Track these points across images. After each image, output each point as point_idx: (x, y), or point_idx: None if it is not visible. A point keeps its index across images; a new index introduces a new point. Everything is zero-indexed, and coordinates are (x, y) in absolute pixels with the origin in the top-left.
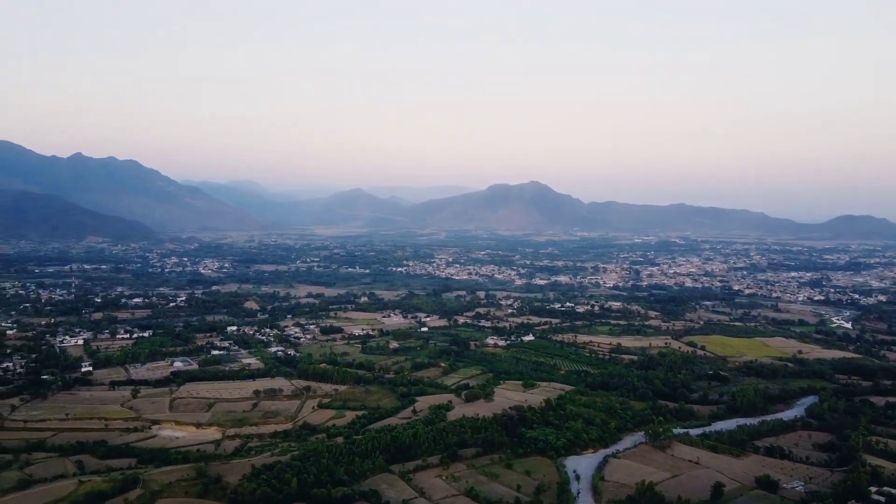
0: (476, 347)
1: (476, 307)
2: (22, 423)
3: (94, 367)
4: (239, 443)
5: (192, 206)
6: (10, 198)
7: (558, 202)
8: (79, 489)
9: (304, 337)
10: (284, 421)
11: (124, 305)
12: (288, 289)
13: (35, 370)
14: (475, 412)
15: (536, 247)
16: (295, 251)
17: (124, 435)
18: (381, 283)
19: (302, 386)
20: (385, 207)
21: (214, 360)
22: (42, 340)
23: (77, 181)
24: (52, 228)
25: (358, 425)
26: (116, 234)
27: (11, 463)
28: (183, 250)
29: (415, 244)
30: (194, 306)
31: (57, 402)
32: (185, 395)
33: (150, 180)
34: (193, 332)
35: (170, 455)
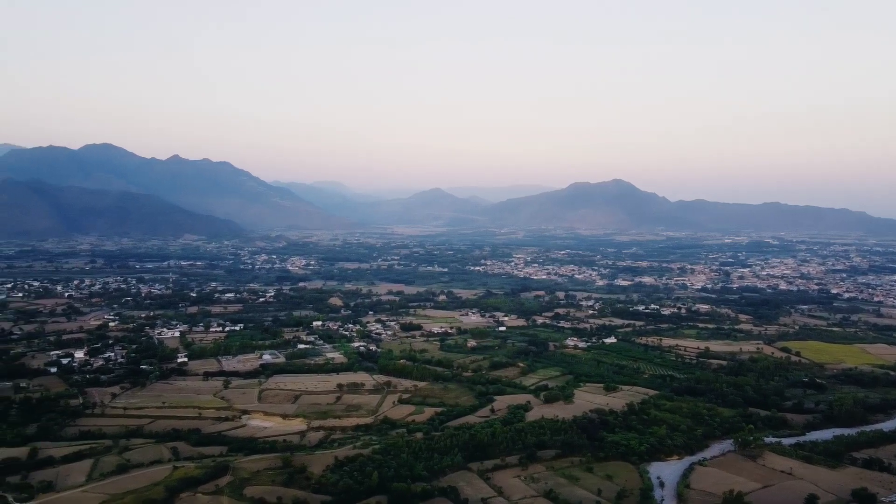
0: (555, 348)
1: (555, 307)
2: (122, 411)
3: (189, 359)
4: (322, 435)
5: (281, 206)
6: (113, 198)
7: (642, 201)
8: (173, 474)
9: (385, 333)
10: (366, 415)
11: (217, 300)
12: (369, 286)
13: (135, 360)
14: (554, 414)
15: (619, 247)
16: (376, 250)
17: (216, 424)
18: (459, 281)
19: (382, 381)
20: (464, 207)
21: (300, 353)
22: (141, 332)
23: (174, 182)
24: (151, 226)
25: (436, 422)
26: (210, 232)
27: (111, 448)
28: (272, 248)
29: (493, 243)
30: (282, 302)
31: (154, 390)
32: (272, 387)
33: (241, 181)
34: (281, 327)
35: (258, 444)
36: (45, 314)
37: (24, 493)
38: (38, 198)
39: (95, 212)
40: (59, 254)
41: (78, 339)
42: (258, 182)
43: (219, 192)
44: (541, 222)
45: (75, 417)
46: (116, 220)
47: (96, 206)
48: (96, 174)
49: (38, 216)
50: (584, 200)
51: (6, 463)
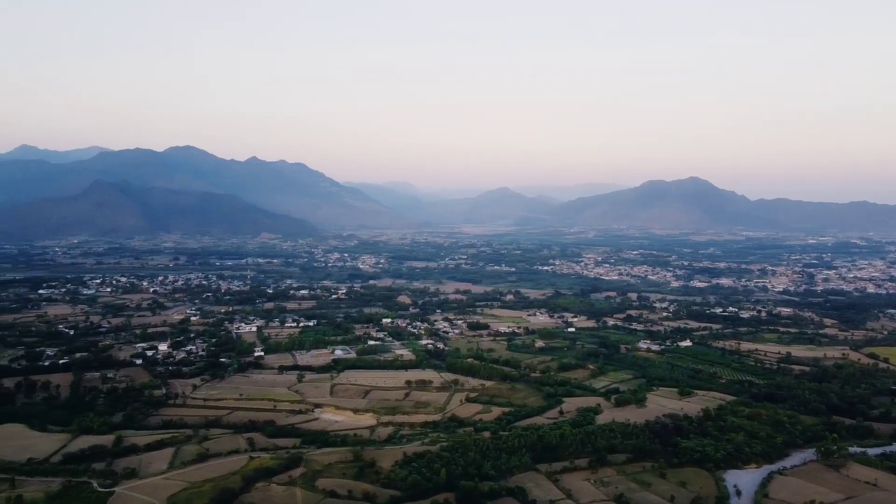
0: (627, 351)
1: (627, 309)
2: (202, 402)
3: (266, 353)
4: (392, 430)
5: (352, 206)
6: (195, 198)
7: (720, 199)
8: (249, 464)
9: (452, 332)
10: (433, 412)
11: (292, 297)
12: (437, 285)
13: (214, 353)
14: (625, 417)
15: (695, 247)
16: (444, 249)
17: (290, 416)
18: (527, 281)
19: (450, 379)
20: (532, 206)
21: (371, 349)
22: (221, 327)
23: (252, 182)
24: (231, 225)
25: (504, 422)
26: (286, 231)
27: (191, 437)
28: (344, 247)
29: (562, 243)
30: (353, 299)
31: (232, 383)
32: (344, 382)
33: (315, 182)
34: (352, 323)
35: (329, 438)
36: (131, 308)
37: (109, 479)
38: (125, 198)
39: (179, 211)
40: (145, 251)
41: (162, 332)
42: (331, 183)
43: (294, 192)
44: (612, 221)
45: (158, 407)
46: (198, 220)
47: (179, 206)
48: (179, 175)
49: (125, 215)
50: (659, 199)
51: (93, 450)
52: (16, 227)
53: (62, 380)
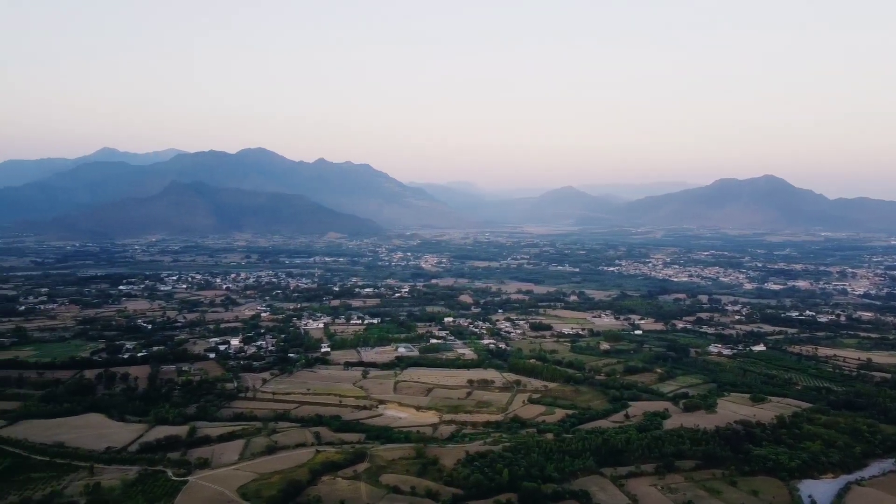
0: (696, 355)
1: (697, 311)
2: (271, 395)
3: (332, 349)
4: (454, 428)
5: (416, 206)
6: (265, 198)
7: (796, 198)
8: (315, 458)
9: (514, 332)
10: (496, 412)
11: (357, 294)
12: (499, 284)
13: (283, 349)
14: (695, 423)
15: (769, 248)
16: (506, 248)
17: (355, 412)
18: (591, 282)
19: (512, 379)
20: (596, 205)
21: (433, 348)
22: (290, 323)
23: (319, 183)
24: (299, 225)
25: (568, 424)
26: (352, 230)
27: (261, 430)
28: (407, 246)
29: (628, 243)
30: (416, 297)
31: (300, 377)
32: (407, 379)
33: (379, 182)
34: (415, 321)
35: (393, 434)
36: (205, 304)
37: (183, 468)
38: (200, 198)
39: (250, 211)
40: (219, 249)
41: (234, 327)
42: (395, 183)
43: (360, 192)
44: (682, 221)
45: (230, 400)
46: (268, 219)
47: (251, 206)
48: (251, 176)
49: (200, 215)
50: (731, 198)
51: (168, 440)
52: (99, 225)
53: (140, 372)
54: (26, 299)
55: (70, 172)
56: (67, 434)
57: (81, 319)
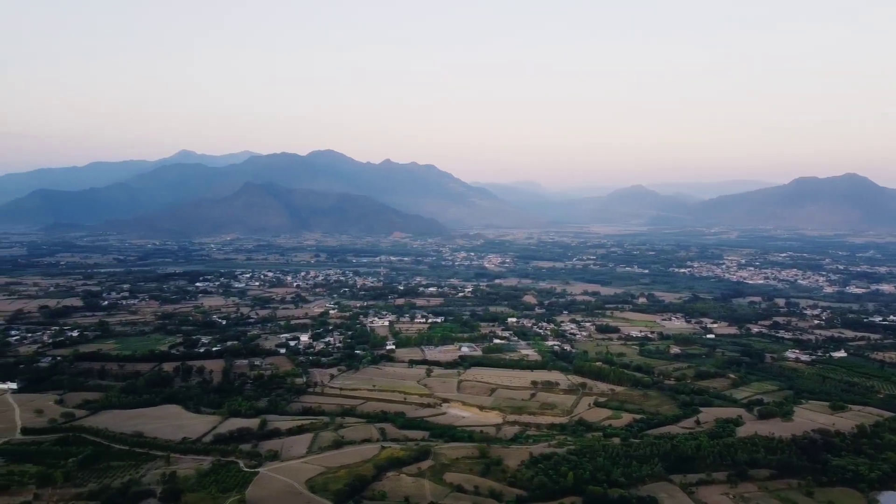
0: (772, 360)
1: (773, 315)
2: (338, 391)
3: (397, 346)
4: (518, 429)
5: (479, 206)
6: (334, 199)
7: (881, 197)
8: (381, 454)
9: (580, 334)
10: (560, 414)
11: (421, 293)
12: (564, 285)
13: (350, 346)
14: (769, 431)
15: (852, 249)
16: (571, 249)
17: (419, 409)
18: (661, 284)
19: (577, 382)
20: (667, 205)
21: (496, 348)
22: (356, 320)
23: (386, 184)
24: (366, 225)
25: (635, 429)
26: (416, 230)
27: (328, 425)
28: (470, 246)
29: (700, 244)
30: (479, 297)
31: (366, 374)
32: (470, 379)
33: (444, 182)
34: (478, 321)
35: (457, 433)
36: (276, 301)
37: (254, 460)
38: (272, 199)
39: (319, 211)
40: (289, 248)
41: (303, 324)
42: (459, 183)
43: (424, 192)
44: (757, 221)
45: (299, 394)
46: (337, 219)
47: (320, 206)
48: (321, 177)
49: (272, 215)
50: (810, 197)
51: (240, 432)
52: (177, 225)
53: (215, 366)
54: (109, 295)
55: (151, 174)
56: (146, 424)
57: (161, 315)
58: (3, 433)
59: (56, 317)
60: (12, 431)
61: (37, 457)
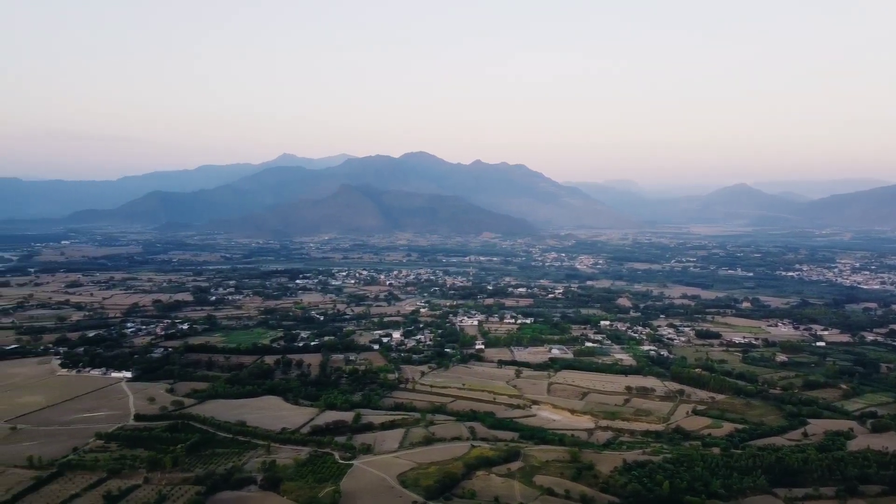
0: (888, 371)
1: (890, 323)
2: (428, 388)
3: (486, 346)
4: (611, 435)
5: (571, 206)
6: (425, 199)
7: None
8: (471, 452)
9: (678, 339)
10: (656, 421)
11: (510, 294)
12: (661, 288)
13: (440, 344)
14: (883, 445)
15: None
16: (669, 250)
17: (508, 410)
18: (767, 288)
19: (675, 389)
20: (773, 204)
21: (588, 351)
22: (446, 319)
23: (475, 184)
24: (456, 225)
25: (737, 439)
26: (506, 230)
27: (419, 421)
28: (561, 246)
29: (810, 246)
30: (570, 299)
31: (455, 373)
32: (560, 381)
33: (534, 182)
34: (569, 323)
35: (547, 435)
36: (370, 299)
37: (348, 452)
38: (367, 200)
39: (411, 211)
40: (383, 248)
41: (395, 321)
42: (550, 182)
43: (514, 192)
44: (874, 222)
45: (391, 390)
46: (427, 219)
47: (411, 207)
48: (413, 179)
49: (366, 215)
50: None
51: (336, 424)
52: (279, 224)
53: (313, 360)
54: (217, 291)
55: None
56: (249, 414)
57: (263, 310)
58: (118, 419)
59: (168, 311)
60: (126, 417)
61: (148, 442)
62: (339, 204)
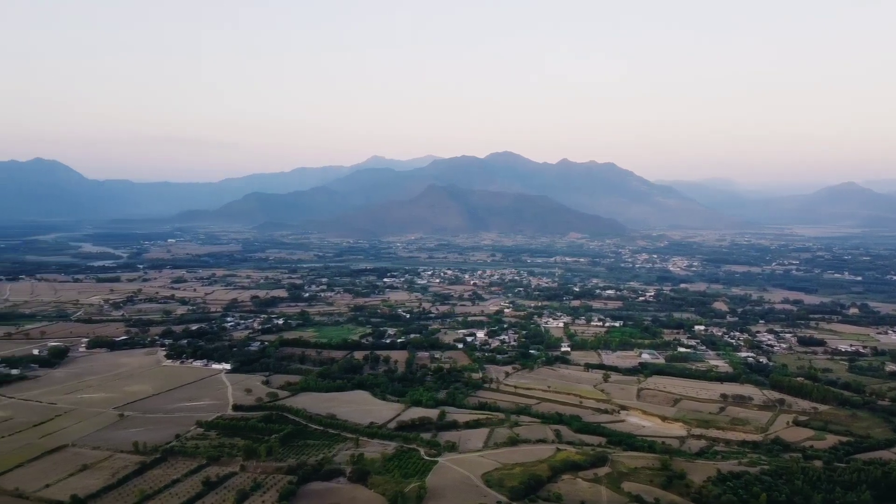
0: None
1: None
2: (513, 389)
3: (572, 349)
4: (704, 444)
5: (663, 205)
6: (510, 199)
7: None
8: (556, 455)
9: (778, 345)
10: (753, 431)
11: (598, 296)
12: (760, 292)
13: (524, 345)
14: None
15: None
16: (770, 252)
17: (595, 415)
18: (877, 293)
19: (774, 398)
20: (885, 204)
21: (681, 356)
22: (531, 320)
23: (562, 183)
24: (541, 225)
25: (840, 452)
26: (593, 230)
27: (503, 421)
28: (653, 247)
29: None
30: (662, 302)
31: (540, 374)
32: (651, 387)
33: (624, 181)
34: (660, 327)
35: (636, 441)
36: (455, 298)
37: (433, 449)
38: (452, 200)
39: (495, 211)
40: (467, 247)
41: (479, 321)
42: (641, 181)
43: (603, 191)
44: None
45: (475, 389)
46: (512, 219)
47: (496, 207)
48: (498, 179)
49: (452, 215)
50: None
51: (421, 421)
52: (368, 224)
53: (399, 356)
54: (310, 287)
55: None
56: (338, 408)
57: (353, 307)
58: (217, 408)
59: (265, 306)
60: (225, 407)
61: (244, 431)
62: (424, 204)
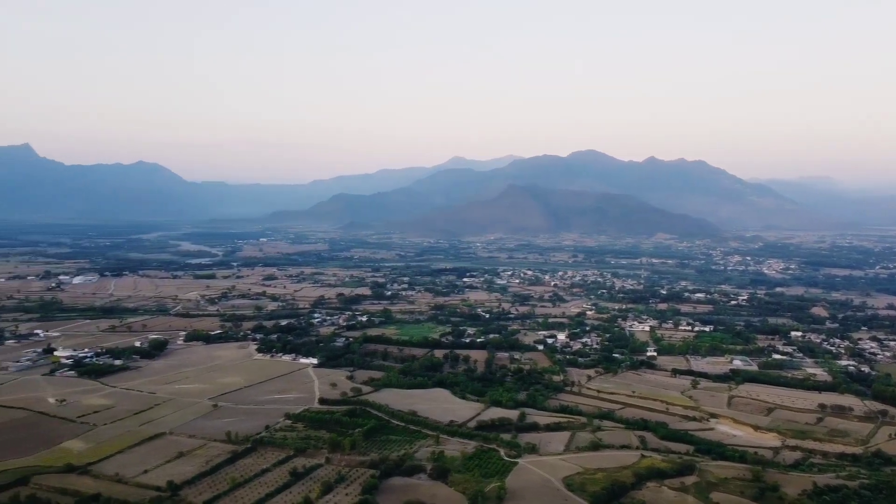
0: None
1: None
2: (595, 392)
3: (658, 353)
4: (799, 455)
5: (758, 205)
6: (593, 199)
7: None
8: (641, 462)
9: (882, 354)
10: (853, 443)
11: (686, 299)
12: (863, 297)
13: (607, 348)
14: None
15: None
16: (874, 255)
17: (683, 422)
18: None
19: (877, 409)
20: None
21: (775, 364)
22: (614, 323)
23: (649, 182)
24: (626, 225)
25: None
26: (682, 231)
27: (585, 425)
28: (746, 249)
29: None
30: (755, 307)
31: (625, 379)
32: (743, 395)
33: (716, 180)
34: (754, 333)
35: (726, 451)
36: (535, 299)
37: (514, 450)
38: (532, 200)
39: (578, 211)
40: (548, 248)
41: (560, 323)
42: (734, 180)
43: (692, 190)
44: None
45: (556, 391)
46: (595, 219)
47: (579, 207)
48: (581, 178)
49: (532, 215)
50: None
51: (501, 421)
52: (448, 224)
53: (478, 356)
54: (392, 286)
55: (427, 179)
56: (419, 405)
57: (433, 306)
58: (304, 401)
59: (349, 303)
60: (312, 400)
61: (330, 424)
62: (505, 204)
